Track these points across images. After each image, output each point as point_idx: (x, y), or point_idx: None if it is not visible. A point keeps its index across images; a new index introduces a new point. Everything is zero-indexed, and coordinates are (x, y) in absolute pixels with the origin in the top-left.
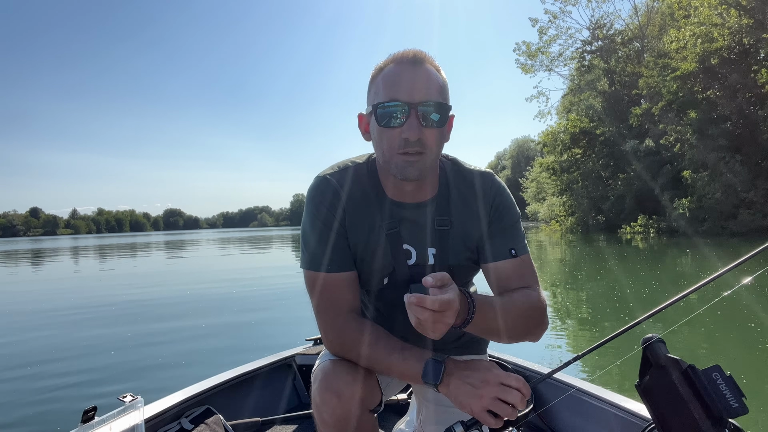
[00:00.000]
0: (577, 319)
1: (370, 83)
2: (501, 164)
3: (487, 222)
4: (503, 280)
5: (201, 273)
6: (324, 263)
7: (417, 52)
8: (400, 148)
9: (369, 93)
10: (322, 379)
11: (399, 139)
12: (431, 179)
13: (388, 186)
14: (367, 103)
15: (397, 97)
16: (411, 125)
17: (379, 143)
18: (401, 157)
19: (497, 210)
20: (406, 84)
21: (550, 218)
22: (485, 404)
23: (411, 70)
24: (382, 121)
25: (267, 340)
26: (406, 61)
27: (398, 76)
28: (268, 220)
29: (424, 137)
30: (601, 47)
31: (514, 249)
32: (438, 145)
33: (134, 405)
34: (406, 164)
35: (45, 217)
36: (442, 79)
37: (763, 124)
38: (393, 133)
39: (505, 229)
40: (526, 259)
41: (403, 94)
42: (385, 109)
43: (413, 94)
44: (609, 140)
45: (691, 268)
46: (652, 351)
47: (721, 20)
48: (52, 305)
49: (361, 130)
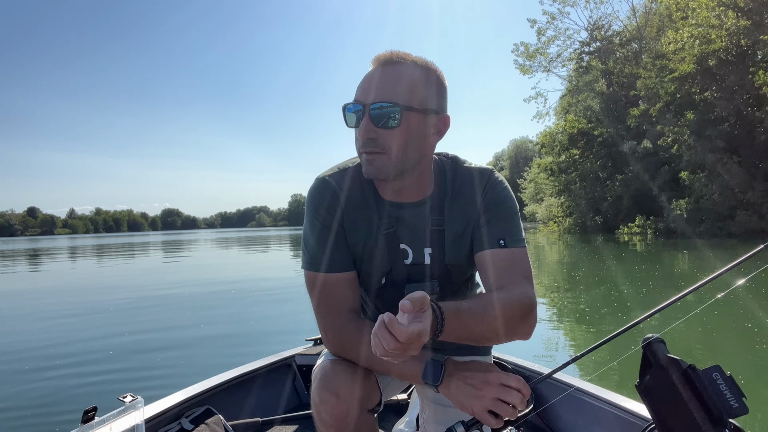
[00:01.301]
0: (575, 319)
1: None
2: (499, 165)
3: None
4: (491, 271)
5: (200, 273)
6: (324, 263)
7: (393, 53)
8: (361, 149)
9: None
10: (321, 378)
11: (360, 140)
12: (426, 178)
13: (384, 186)
14: None
15: (357, 98)
16: (362, 126)
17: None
18: (363, 156)
19: (490, 200)
20: (365, 85)
21: (548, 219)
22: (486, 405)
23: (376, 71)
24: (349, 123)
25: (267, 340)
26: (378, 62)
27: (364, 78)
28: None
29: (381, 138)
30: (599, 48)
31: (503, 240)
32: (402, 145)
33: (134, 405)
34: (366, 163)
35: (42, 216)
36: (421, 77)
37: (760, 125)
38: (357, 134)
39: (497, 219)
40: (519, 252)
41: (361, 94)
42: (347, 111)
43: (368, 94)
44: (607, 141)
45: (689, 269)
46: (652, 351)
47: (719, 22)
48: (51, 305)
49: None
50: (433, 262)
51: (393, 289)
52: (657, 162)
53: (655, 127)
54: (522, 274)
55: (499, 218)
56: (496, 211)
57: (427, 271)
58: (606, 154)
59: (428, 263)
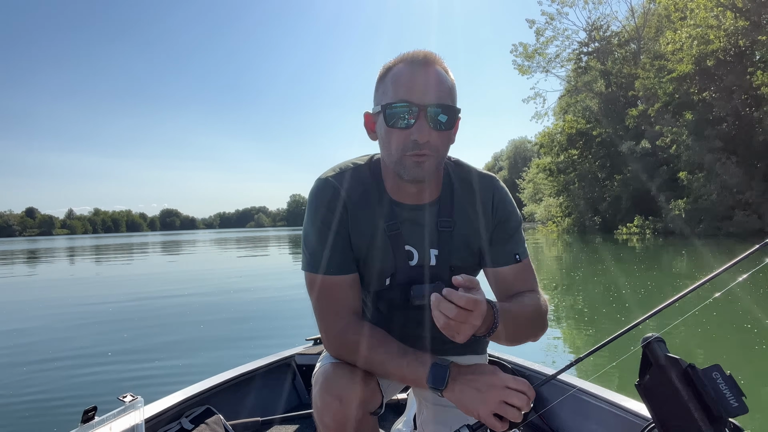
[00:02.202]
0: (574, 319)
1: (378, 82)
2: (498, 165)
3: (490, 225)
4: (508, 284)
5: (199, 273)
6: (325, 265)
7: (428, 53)
8: (408, 150)
9: (377, 92)
10: (323, 382)
11: (408, 141)
12: (434, 181)
13: (390, 187)
14: (374, 102)
15: (406, 98)
16: (420, 127)
17: (387, 144)
18: (410, 158)
19: (502, 215)
20: (416, 85)
21: (546, 219)
22: (491, 408)
23: (421, 71)
24: (390, 122)
25: (267, 340)
26: (417, 62)
27: (409, 77)
28: (265, 221)
29: (433, 140)
30: (597, 49)
31: (518, 254)
32: (444, 147)
33: (134, 405)
34: (415, 166)
35: (41, 217)
36: (451, 80)
37: (758, 125)
38: (402, 135)
39: (510, 234)
40: (528, 262)
41: (413, 95)
42: (393, 110)
43: (423, 95)
44: (605, 141)
45: (687, 269)
46: (652, 350)
47: (717, 22)
48: (50, 305)
49: (367, 129)
50: (438, 263)
51: (397, 290)
52: (655, 162)
53: (653, 128)
54: (534, 281)
55: (512, 233)
56: (508, 225)
57: (430, 273)
58: (604, 155)
59: (433, 264)
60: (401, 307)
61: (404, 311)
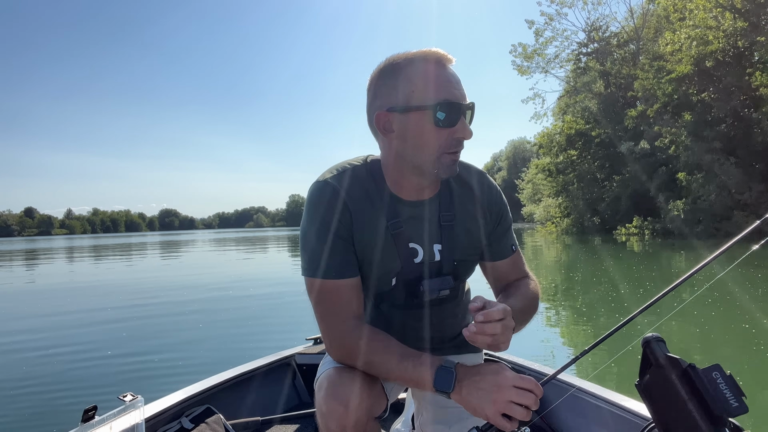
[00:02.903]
0: (573, 319)
1: (386, 78)
2: (497, 165)
3: (488, 218)
4: (505, 274)
5: (199, 273)
6: (326, 269)
7: (445, 53)
8: (451, 148)
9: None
10: (328, 387)
11: (449, 139)
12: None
13: (390, 185)
14: (383, 100)
15: (452, 98)
16: (466, 126)
17: (424, 143)
18: (450, 156)
19: (498, 211)
20: (454, 84)
21: (545, 220)
22: (500, 408)
23: (450, 70)
24: (441, 121)
25: (267, 339)
26: (444, 61)
27: (446, 76)
28: (264, 221)
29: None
30: (596, 49)
31: (513, 245)
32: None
33: (134, 404)
34: (452, 163)
35: (40, 217)
36: None
37: (757, 126)
38: (445, 133)
39: (506, 228)
40: (518, 250)
41: (455, 94)
42: (447, 108)
43: (462, 94)
44: (604, 142)
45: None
46: (651, 350)
47: (716, 23)
48: (50, 305)
49: (379, 128)
50: (442, 258)
51: (403, 288)
52: (654, 163)
53: (652, 128)
54: (525, 266)
55: (507, 227)
56: (505, 220)
57: (435, 268)
58: (604, 155)
59: (438, 260)
60: (404, 306)
61: (405, 310)
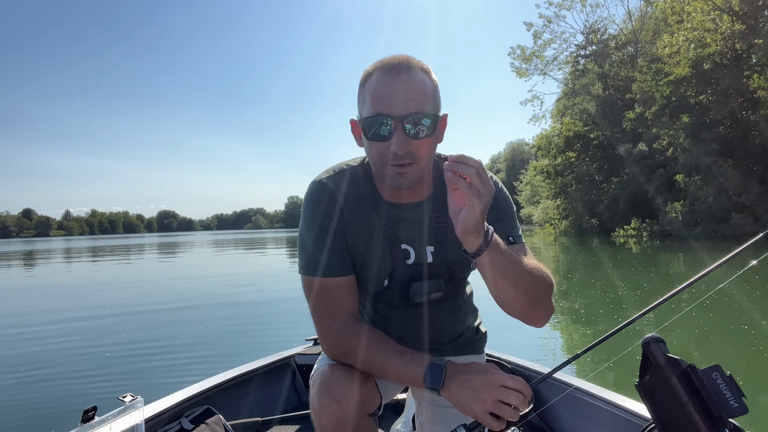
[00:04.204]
0: (572, 321)
1: (359, 89)
2: (495, 167)
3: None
4: None
5: (199, 273)
6: (322, 268)
7: (402, 59)
8: (388, 161)
9: (358, 100)
10: (321, 383)
11: (387, 152)
12: (425, 179)
13: (383, 188)
14: (358, 110)
15: (382, 110)
16: (398, 140)
17: (369, 154)
18: (392, 168)
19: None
20: (392, 96)
21: (544, 221)
22: (487, 407)
23: (396, 81)
24: (369, 134)
25: (267, 340)
26: (391, 70)
27: (384, 88)
28: (263, 222)
29: (414, 148)
30: (595, 51)
31: (511, 236)
32: (428, 153)
33: (134, 405)
34: (397, 176)
35: (38, 218)
36: (432, 83)
37: (755, 128)
38: (381, 146)
39: (501, 217)
40: (524, 247)
41: (389, 107)
42: (371, 123)
43: (399, 106)
44: (603, 144)
45: (684, 271)
46: (651, 351)
47: (714, 25)
48: (49, 306)
49: (355, 136)
50: (435, 260)
51: (396, 290)
52: (652, 165)
53: (650, 130)
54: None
55: (503, 216)
56: (498, 208)
57: (428, 270)
58: (602, 157)
59: (430, 262)
60: (400, 306)
61: (403, 310)
